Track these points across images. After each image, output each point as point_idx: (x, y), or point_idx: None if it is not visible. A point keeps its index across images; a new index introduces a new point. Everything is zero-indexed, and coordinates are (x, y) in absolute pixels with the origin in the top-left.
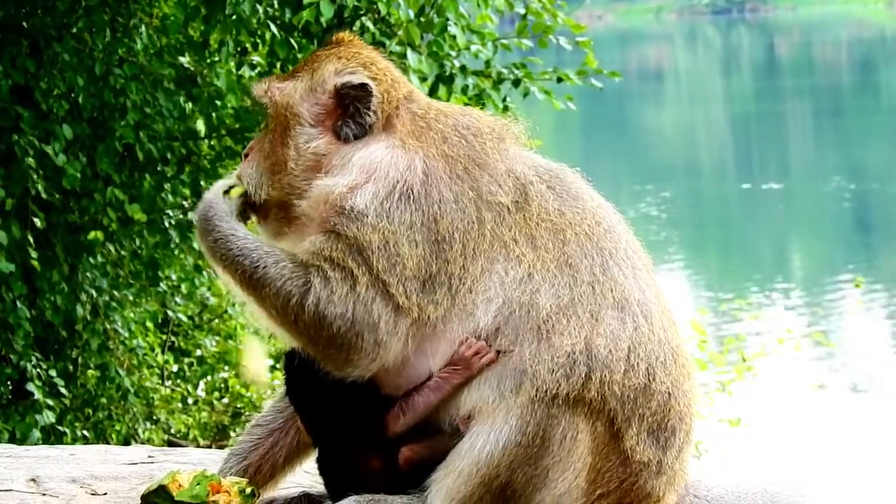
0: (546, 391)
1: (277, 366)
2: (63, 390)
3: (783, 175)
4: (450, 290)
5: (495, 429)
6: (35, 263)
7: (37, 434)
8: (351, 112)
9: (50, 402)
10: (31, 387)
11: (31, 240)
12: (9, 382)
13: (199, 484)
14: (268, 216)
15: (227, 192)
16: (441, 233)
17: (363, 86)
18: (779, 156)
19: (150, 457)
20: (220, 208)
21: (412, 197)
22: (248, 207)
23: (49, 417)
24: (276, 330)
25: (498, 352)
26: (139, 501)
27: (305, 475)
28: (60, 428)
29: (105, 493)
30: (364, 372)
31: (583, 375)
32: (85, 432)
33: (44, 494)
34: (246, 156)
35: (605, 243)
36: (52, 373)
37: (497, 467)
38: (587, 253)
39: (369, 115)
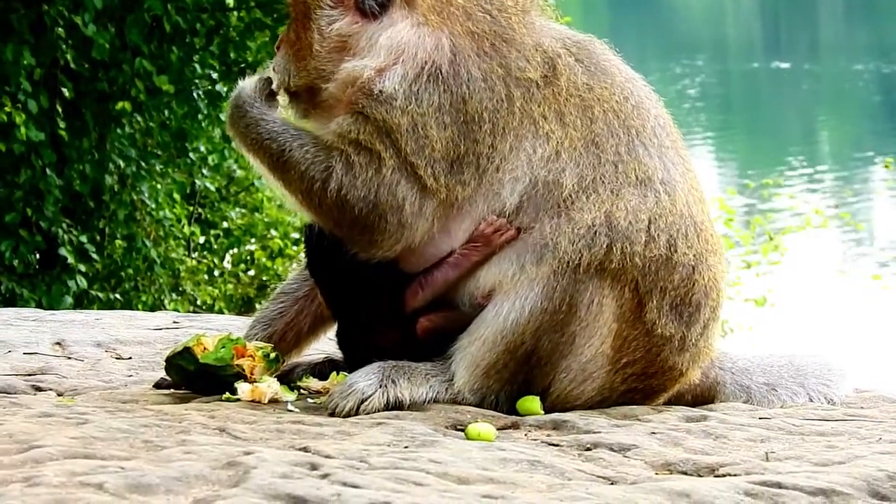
0: (568, 262)
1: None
2: (94, 255)
3: (812, 54)
4: (477, 169)
5: (520, 296)
6: (63, 133)
7: (69, 300)
8: None
9: (82, 267)
10: (63, 251)
11: (60, 109)
12: (36, 252)
13: (223, 347)
14: (298, 100)
15: (263, 83)
16: (470, 113)
17: None
18: (808, 34)
19: (175, 322)
20: (249, 94)
21: (441, 78)
22: (280, 93)
23: (82, 283)
24: (302, 212)
25: (518, 229)
26: (164, 364)
27: (330, 342)
28: (93, 292)
29: (130, 357)
30: (389, 253)
31: (604, 246)
32: (117, 295)
33: (69, 357)
34: (278, 48)
35: (632, 121)
36: (83, 239)
37: (522, 334)
38: (614, 132)
39: None
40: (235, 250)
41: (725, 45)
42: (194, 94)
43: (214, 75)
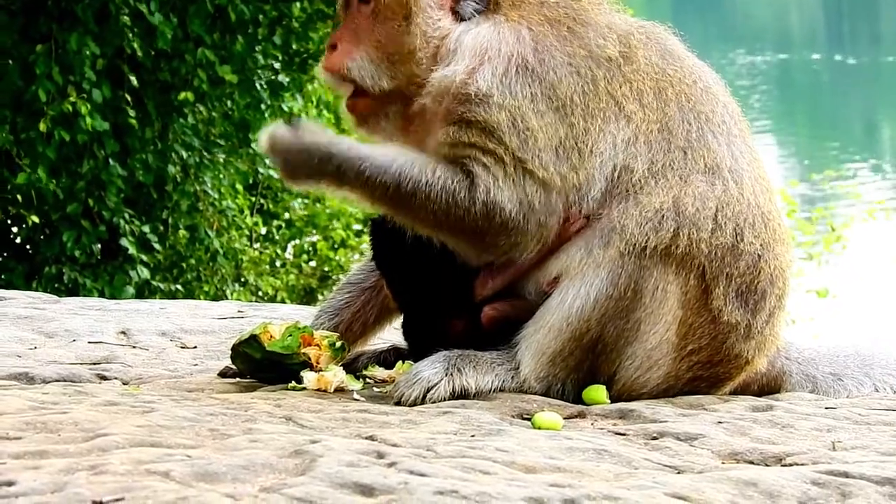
0: (635, 244)
1: (365, 230)
2: (156, 246)
3: (875, 47)
4: (580, 154)
5: (586, 282)
6: (132, 121)
7: (131, 290)
8: None
9: (144, 257)
10: (125, 242)
11: (129, 98)
12: (98, 243)
13: (290, 335)
14: (380, 111)
15: (297, 123)
16: (561, 98)
17: None
18: (870, 27)
19: (239, 311)
20: (316, 130)
21: (528, 68)
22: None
23: (144, 273)
24: (435, 234)
25: (587, 217)
26: (230, 353)
27: (394, 331)
28: (155, 283)
29: (194, 347)
30: (528, 253)
31: (671, 230)
32: (178, 286)
33: (134, 346)
34: (333, 47)
35: (701, 106)
36: (146, 229)
37: (588, 321)
38: (685, 116)
39: None
40: (297, 241)
41: (788, 36)
42: (257, 85)
43: (277, 65)
